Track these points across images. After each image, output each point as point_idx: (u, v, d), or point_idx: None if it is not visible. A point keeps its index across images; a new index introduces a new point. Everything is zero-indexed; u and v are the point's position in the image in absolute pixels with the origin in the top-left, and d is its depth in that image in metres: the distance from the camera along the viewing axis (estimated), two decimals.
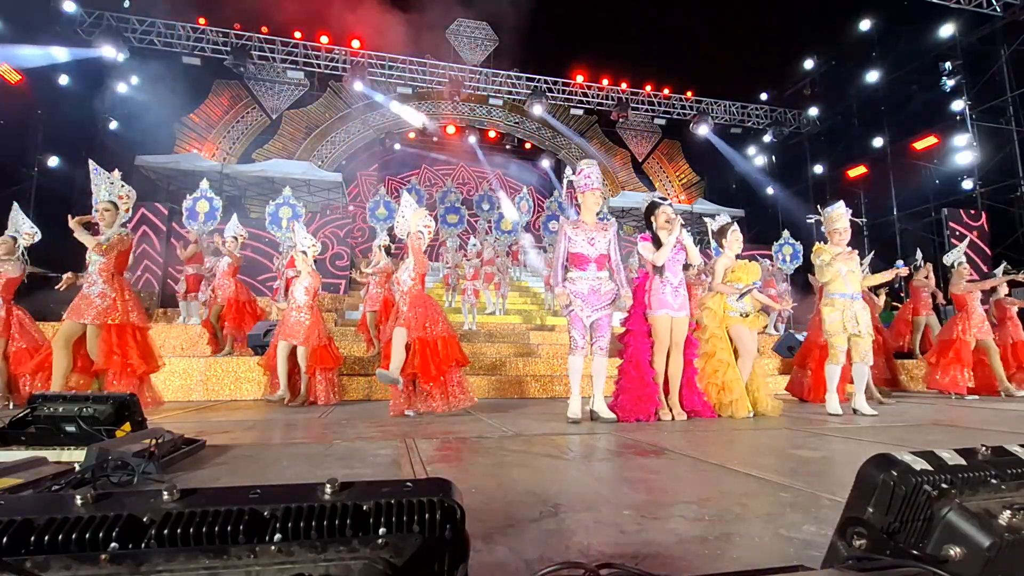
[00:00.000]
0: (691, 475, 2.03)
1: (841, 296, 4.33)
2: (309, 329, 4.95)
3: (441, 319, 4.18)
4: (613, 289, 3.88)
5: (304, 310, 5.00)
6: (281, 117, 15.39)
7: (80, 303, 4.07)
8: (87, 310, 4.04)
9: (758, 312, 4.50)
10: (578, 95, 15.10)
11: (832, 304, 4.35)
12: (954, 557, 0.66)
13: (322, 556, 0.54)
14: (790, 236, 11.78)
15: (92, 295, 4.07)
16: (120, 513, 0.56)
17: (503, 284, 10.43)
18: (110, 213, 4.21)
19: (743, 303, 4.36)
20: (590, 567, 0.66)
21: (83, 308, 4.04)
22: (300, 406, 4.85)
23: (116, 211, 4.25)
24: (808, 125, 15.26)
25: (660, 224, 4.07)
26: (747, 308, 4.36)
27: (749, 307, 4.38)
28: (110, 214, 4.21)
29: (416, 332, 4.05)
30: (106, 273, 4.16)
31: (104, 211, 4.19)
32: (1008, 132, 10.34)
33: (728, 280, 4.46)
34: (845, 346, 4.30)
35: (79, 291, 4.17)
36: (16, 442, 2.31)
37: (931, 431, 3.34)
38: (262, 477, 2.01)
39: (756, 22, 13.11)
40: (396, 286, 4.39)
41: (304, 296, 5.03)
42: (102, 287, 4.11)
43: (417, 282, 4.26)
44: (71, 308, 4.08)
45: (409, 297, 4.19)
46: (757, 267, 4.57)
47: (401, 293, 4.26)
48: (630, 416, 3.78)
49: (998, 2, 10.13)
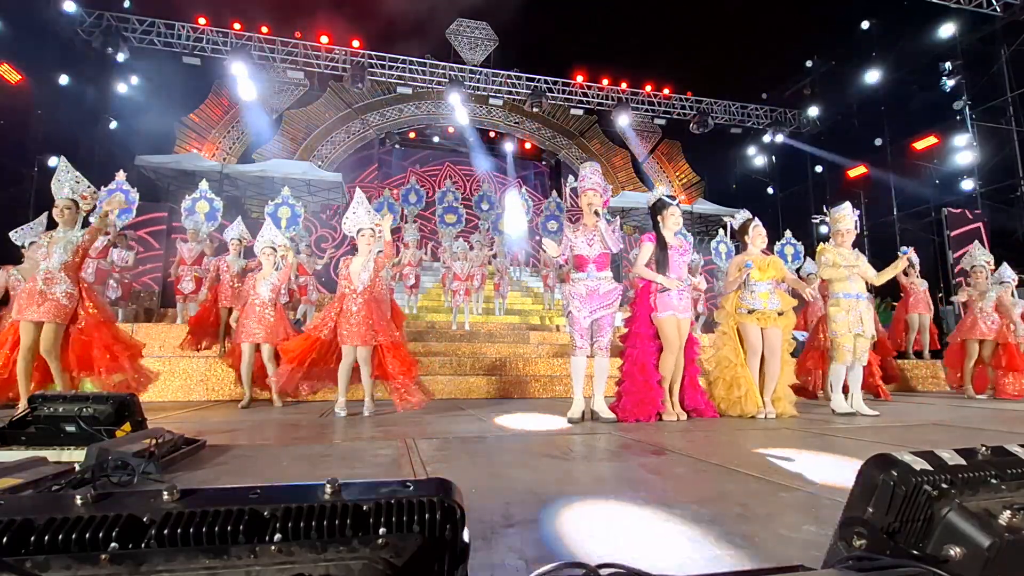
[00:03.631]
0: (691, 475, 2.03)
1: (847, 296, 4.33)
2: (274, 326, 4.90)
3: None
4: (614, 289, 3.88)
5: (268, 307, 4.92)
6: (281, 117, 15.40)
7: (40, 302, 3.88)
8: (50, 308, 3.88)
9: (781, 311, 4.31)
10: (578, 95, 15.09)
11: (838, 304, 4.34)
12: (954, 557, 0.66)
13: (322, 556, 0.54)
14: (791, 236, 11.79)
15: (57, 294, 3.92)
16: (120, 513, 0.56)
17: (503, 284, 10.42)
18: (70, 211, 4.09)
19: (756, 299, 4.27)
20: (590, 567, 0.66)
21: (46, 307, 3.87)
22: (282, 405, 4.83)
23: (76, 210, 4.13)
24: (808, 125, 15.25)
25: (667, 225, 4.06)
26: (755, 305, 4.28)
27: (759, 304, 4.29)
28: (70, 212, 4.10)
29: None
30: (72, 272, 4.05)
31: (64, 208, 4.07)
32: (1008, 132, 10.34)
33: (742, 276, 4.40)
34: (852, 345, 4.30)
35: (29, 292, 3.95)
36: (16, 442, 2.31)
37: (931, 431, 3.34)
38: (262, 477, 2.01)
39: (756, 22, 13.09)
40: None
41: (270, 294, 4.94)
42: (67, 286, 3.98)
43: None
44: (28, 309, 3.87)
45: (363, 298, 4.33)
46: (779, 263, 4.48)
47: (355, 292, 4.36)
48: (630, 416, 3.78)
49: (998, 2, 10.13)
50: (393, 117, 16.72)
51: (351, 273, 4.31)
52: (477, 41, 15.06)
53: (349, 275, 4.32)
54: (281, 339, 4.88)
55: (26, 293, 3.93)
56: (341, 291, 4.42)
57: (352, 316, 4.25)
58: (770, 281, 4.34)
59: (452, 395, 5.98)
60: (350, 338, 4.24)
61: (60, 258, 4.01)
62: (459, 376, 6.23)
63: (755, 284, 4.32)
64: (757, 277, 4.31)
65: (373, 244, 4.36)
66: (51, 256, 4.00)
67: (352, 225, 4.41)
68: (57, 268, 4.00)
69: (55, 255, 4.01)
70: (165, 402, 5.24)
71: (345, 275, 4.35)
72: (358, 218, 4.38)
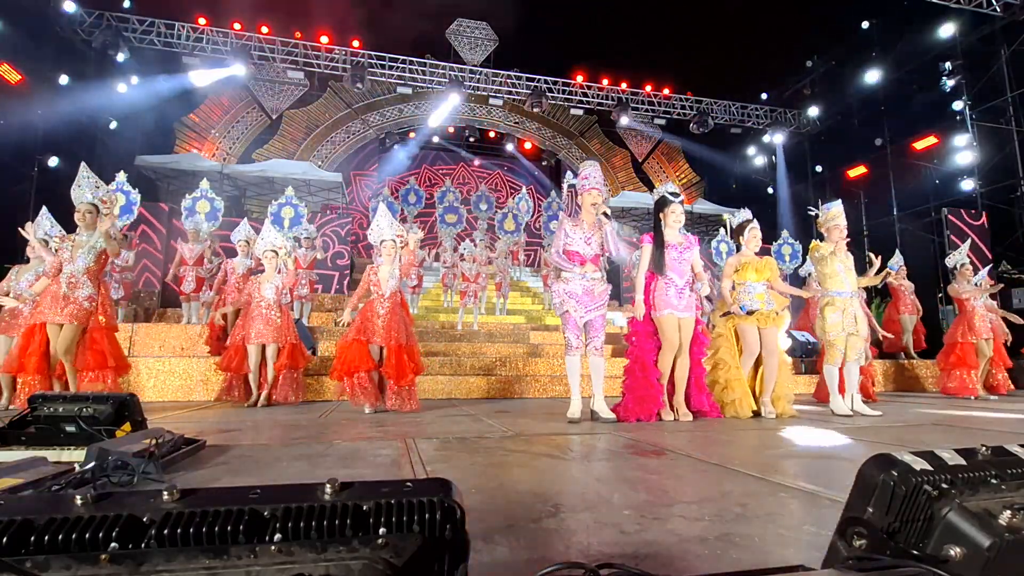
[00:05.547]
0: (691, 475, 2.03)
1: (840, 294, 4.33)
2: (281, 328, 4.96)
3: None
4: (606, 289, 3.90)
5: (274, 308, 4.98)
6: (281, 117, 15.39)
7: (64, 305, 4.02)
8: (74, 311, 4.02)
9: (777, 311, 4.36)
10: (578, 95, 15.09)
11: (832, 303, 4.34)
12: (954, 557, 0.65)
13: (322, 556, 0.54)
14: (789, 236, 11.80)
15: (80, 298, 4.06)
16: (120, 513, 0.56)
17: (504, 284, 10.43)
18: (92, 216, 4.20)
19: (754, 300, 4.31)
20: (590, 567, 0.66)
21: (69, 310, 4.01)
22: (266, 405, 4.84)
23: (97, 214, 4.24)
24: (808, 125, 15.25)
25: (668, 223, 4.05)
26: (753, 306, 4.31)
27: (756, 304, 4.31)
28: (92, 216, 4.20)
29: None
30: (94, 277, 4.18)
31: (86, 213, 4.17)
32: (1008, 132, 10.33)
33: (737, 278, 4.43)
34: (843, 346, 4.30)
35: (52, 295, 4.08)
36: (16, 442, 2.31)
37: (931, 431, 3.34)
38: (262, 477, 2.01)
39: (756, 22, 13.09)
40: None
41: (274, 295, 5.00)
42: (91, 290, 4.12)
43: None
44: (51, 311, 3.99)
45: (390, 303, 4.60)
46: (771, 264, 4.49)
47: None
48: (631, 416, 3.78)
49: (998, 2, 10.12)
50: (393, 117, 16.72)
51: (380, 280, 4.59)
52: (477, 41, 15.06)
53: (379, 282, 4.59)
54: (286, 343, 4.94)
55: (50, 296, 4.06)
56: (363, 292, 4.69)
57: (380, 319, 4.51)
58: (765, 281, 4.38)
59: (452, 395, 5.98)
60: (378, 338, 4.50)
61: (84, 262, 4.13)
62: (459, 376, 6.23)
63: (751, 285, 4.35)
64: (753, 279, 4.35)
65: (395, 254, 4.65)
66: (75, 260, 4.12)
67: (376, 236, 4.69)
68: (81, 272, 4.14)
69: (79, 259, 4.13)
70: (165, 402, 5.25)
71: (375, 282, 4.60)
72: (381, 230, 4.66)
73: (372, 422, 3.74)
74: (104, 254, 4.23)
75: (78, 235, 4.21)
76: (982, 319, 6.19)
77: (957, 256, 6.54)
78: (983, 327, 6.16)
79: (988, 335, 6.13)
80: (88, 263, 4.14)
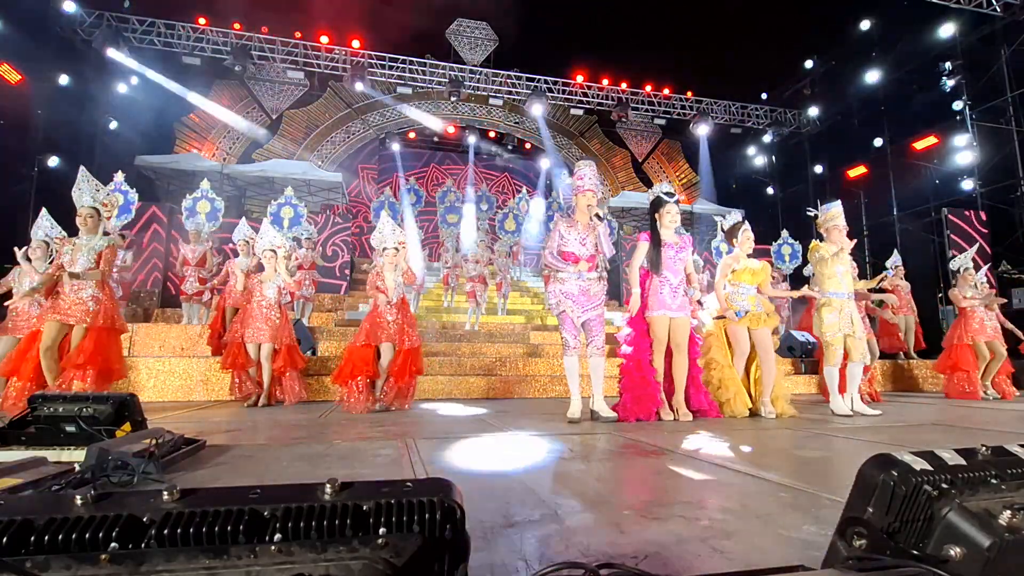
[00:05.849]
0: (691, 475, 2.03)
1: (837, 295, 4.34)
2: (280, 328, 4.98)
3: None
4: (603, 289, 3.91)
5: (274, 308, 5.01)
6: (281, 117, 15.38)
7: (66, 306, 4.09)
8: (77, 313, 4.09)
9: (767, 312, 4.39)
10: (578, 95, 15.08)
11: (830, 304, 4.35)
12: (954, 557, 0.65)
13: (322, 556, 0.54)
14: (789, 236, 11.79)
15: (84, 298, 4.13)
16: (120, 513, 0.56)
17: (504, 284, 10.44)
18: (93, 219, 4.27)
19: (745, 302, 4.34)
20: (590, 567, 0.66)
21: (72, 311, 4.08)
22: (266, 405, 4.85)
23: (99, 217, 4.31)
24: (808, 125, 15.24)
25: (664, 223, 4.04)
26: (745, 307, 4.33)
27: (748, 306, 4.34)
28: (93, 220, 4.27)
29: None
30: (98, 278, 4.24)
31: (87, 216, 4.25)
32: (1008, 132, 10.32)
33: (731, 280, 4.45)
34: (842, 347, 4.31)
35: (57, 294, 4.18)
36: (16, 442, 2.31)
37: (931, 431, 3.34)
38: (262, 477, 2.01)
39: (756, 22, 13.08)
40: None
41: (275, 295, 5.04)
42: (93, 290, 4.17)
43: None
44: (51, 309, 4.09)
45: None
46: (766, 270, 4.51)
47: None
48: (630, 416, 3.78)
49: (998, 2, 10.12)
50: (393, 117, 16.71)
51: (387, 287, 4.73)
52: (477, 41, 15.06)
53: (386, 288, 4.73)
54: (285, 343, 4.96)
55: (56, 297, 4.16)
56: (373, 296, 4.83)
57: (391, 324, 4.69)
58: (759, 285, 4.42)
59: (452, 395, 5.98)
60: (387, 338, 4.67)
61: (84, 265, 4.20)
62: (459, 376, 6.23)
63: (745, 287, 4.38)
64: (748, 281, 4.38)
65: (397, 259, 4.80)
66: (75, 263, 4.20)
67: (378, 243, 4.86)
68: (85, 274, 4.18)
69: (80, 262, 4.21)
70: (165, 402, 5.24)
71: (383, 288, 4.71)
72: (383, 237, 4.82)
73: (372, 422, 3.74)
74: (100, 256, 4.26)
75: (79, 238, 4.27)
76: (981, 321, 6.17)
77: (961, 259, 6.51)
78: (981, 329, 6.14)
79: (987, 336, 6.12)
80: (89, 265, 4.20)
